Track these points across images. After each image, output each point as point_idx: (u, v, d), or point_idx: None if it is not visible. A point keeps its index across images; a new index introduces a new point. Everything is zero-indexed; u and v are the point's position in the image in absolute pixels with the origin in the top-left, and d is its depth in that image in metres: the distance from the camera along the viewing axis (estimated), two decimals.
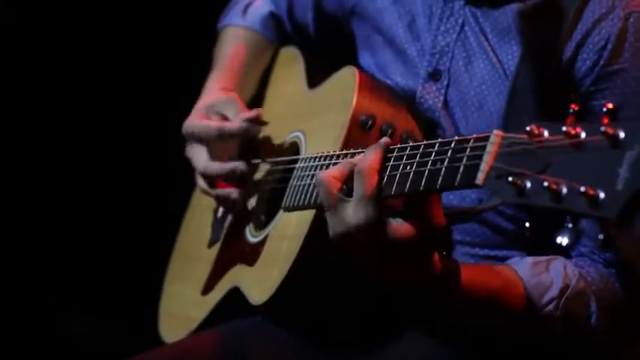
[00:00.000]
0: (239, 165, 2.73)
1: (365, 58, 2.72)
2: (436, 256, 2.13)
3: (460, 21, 2.48)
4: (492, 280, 2.25)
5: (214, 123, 2.73)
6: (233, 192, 2.76)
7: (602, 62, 2.30)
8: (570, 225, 1.75)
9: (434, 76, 2.51)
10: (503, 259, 2.44)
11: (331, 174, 2.11)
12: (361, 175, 2.05)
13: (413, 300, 2.25)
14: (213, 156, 2.76)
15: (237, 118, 2.71)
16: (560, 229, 1.77)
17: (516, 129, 2.29)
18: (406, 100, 2.56)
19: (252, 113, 2.70)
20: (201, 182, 2.81)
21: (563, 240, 1.75)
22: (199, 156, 2.77)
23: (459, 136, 2.00)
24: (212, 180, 2.78)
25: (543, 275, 2.30)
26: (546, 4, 2.37)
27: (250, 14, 3.01)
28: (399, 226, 2.04)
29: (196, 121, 2.76)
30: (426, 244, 2.08)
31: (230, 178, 2.76)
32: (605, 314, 2.32)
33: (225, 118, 2.76)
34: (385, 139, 2.14)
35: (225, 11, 3.10)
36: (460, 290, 2.18)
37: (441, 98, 2.50)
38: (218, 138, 2.71)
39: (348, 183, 2.10)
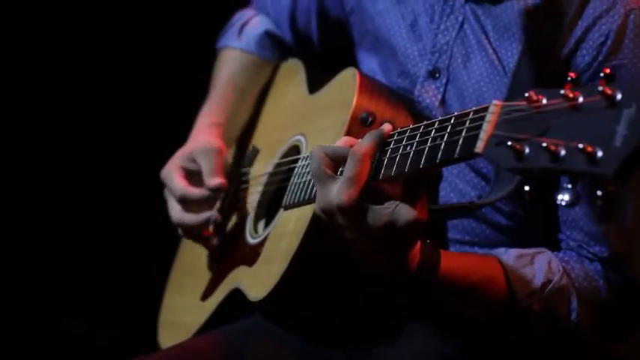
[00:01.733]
0: (212, 215, 2.81)
1: (364, 59, 2.76)
2: (417, 246, 2.16)
3: (460, 19, 2.52)
4: (474, 272, 2.27)
5: (181, 185, 2.81)
6: (213, 238, 2.86)
7: (600, 58, 2.32)
8: (570, 185, 1.77)
9: (433, 74, 2.54)
10: None
11: (326, 151, 2.14)
12: (354, 157, 2.08)
13: (390, 285, 2.26)
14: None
15: (205, 182, 2.79)
16: (560, 189, 1.78)
17: None
18: (404, 100, 2.59)
19: (217, 182, 2.78)
20: (179, 230, 2.89)
21: (564, 197, 1.76)
22: (173, 206, 2.85)
23: (458, 112, 2.02)
24: (187, 229, 2.86)
25: (527, 268, 2.31)
26: (547, 1, 2.40)
27: (246, 35, 3.06)
28: (382, 215, 2.06)
29: (170, 172, 2.84)
30: (406, 234, 2.08)
31: (204, 227, 2.83)
32: (587, 311, 2.33)
33: (199, 168, 2.83)
34: (387, 126, 2.16)
35: (223, 30, 3.14)
36: (438, 282, 2.20)
37: (439, 97, 2.53)
38: (181, 200, 2.80)
39: (341, 162, 2.13)
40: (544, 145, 1.76)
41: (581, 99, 1.77)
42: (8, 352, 4.24)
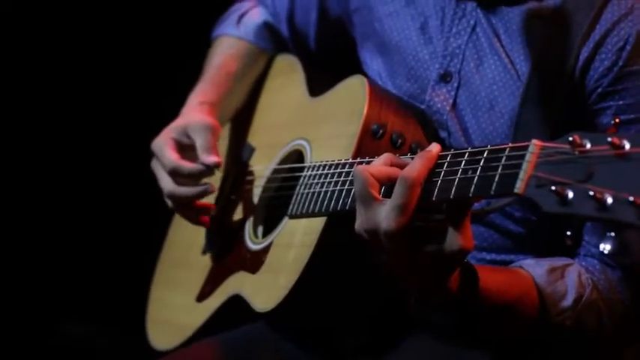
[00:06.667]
0: (208, 187, 2.72)
1: (367, 61, 2.73)
2: (457, 272, 2.13)
3: (472, 22, 2.51)
4: (509, 289, 2.25)
5: (173, 157, 2.72)
6: (210, 210, 2.79)
7: (620, 63, 2.32)
8: (613, 234, 1.77)
9: (444, 78, 2.53)
10: (511, 264, 2.44)
11: (371, 171, 2.07)
12: (406, 182, 2.01)
13: (423, 304, 2.23)
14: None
15: (199, 158, 2.71)
16: (603, 237, 1.78)
17: (527, 130, 2.34)
18: (412, 106, 2.57)
19: (213, 159, 2.70)
20: (169, 202, 2.80)
21: (605, 247, 1.77)
22: (163, 178, 2.76)
23: (491, 145, 2.00)
24: (180, 201, 2.77)
25: (559, 283, 2.31)
26: (562, 6, 2.39)
27: (244, 24, 3.01)
28: (430, 243, 2.03)
29: (162, 144, 2.76)
30: (451, 262, 2.07)
31: (199, 198, 2.75)
32: (612, 322, 2.35)
33: (193, 144, 2.75)
34: (437, 147, 2.08)
35: (219, 20, 3.10)
36: (476, 301, 2.18)
37: (450, 101, 2.52)
38: (172, 173, 2.72)
39: (386, 183, 2.09)
40: (591, 193, 1.76)
41: (627, 146, 1.77)
42: (10, 357, 4.23)
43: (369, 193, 2.07)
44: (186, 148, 2.75)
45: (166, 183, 2.74)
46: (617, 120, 1.84)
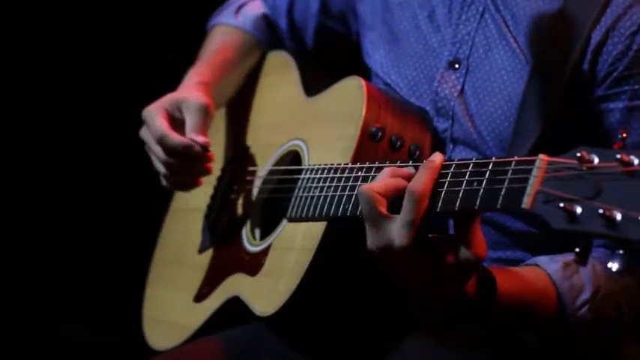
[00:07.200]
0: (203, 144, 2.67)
1: (371, 53, 2.73)
2: (474, 278, 2.14)
3: (480, 9, 2.52)
4: (527, 290, 2.24)
5: (163, 125, 2.68)
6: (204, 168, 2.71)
7: (635, 47, 2.33)
8: (621, 251, 1.77)
9: (452, 64, 2.54)
10: (508, 261, 2.45)
11: (375, 188, 2.08)
12: (413, 197, 2.02)
13: (442, 313, 2.25)
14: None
15: (187, 133, 2.67)
16: (612, 256, 1.78)
17: (530, 112, 2.34)
18: (410, 110, 2.56)
19: (201, 139, 2.65)
20: (162, 169, 2.74)
21: (613, 265, 1.77)
22: (154, 148, 2.71)
23: (497, 158, 2.00)
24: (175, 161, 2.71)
25: (575, 278, 2.30)
26: None
27: (242, 15, 3.02)
28: (443, 255, 2.04)
29: (154, 111, 2.71)
30: (466, 271, 2.08)
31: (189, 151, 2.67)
32: (630, 310, 2.34)
33: (183, 120, 2.71)
34: (439, 157, 2.09)
35: (217, 11, 3.10)
36: (494, 306, 2.18)
37: (458, 87, 2.52)
38: (158, 141, 2.68)
39: (392, 198, 2.08)
40: (600, 211, 1.75)
41: (636, 162, 1.77)
42: (10, 357, 4.23)
43: (378, 211, 2.07)
44: (176, 123, 2.71)
45: (160, 154, 2.70)
46: (624, 134, 1.83)
